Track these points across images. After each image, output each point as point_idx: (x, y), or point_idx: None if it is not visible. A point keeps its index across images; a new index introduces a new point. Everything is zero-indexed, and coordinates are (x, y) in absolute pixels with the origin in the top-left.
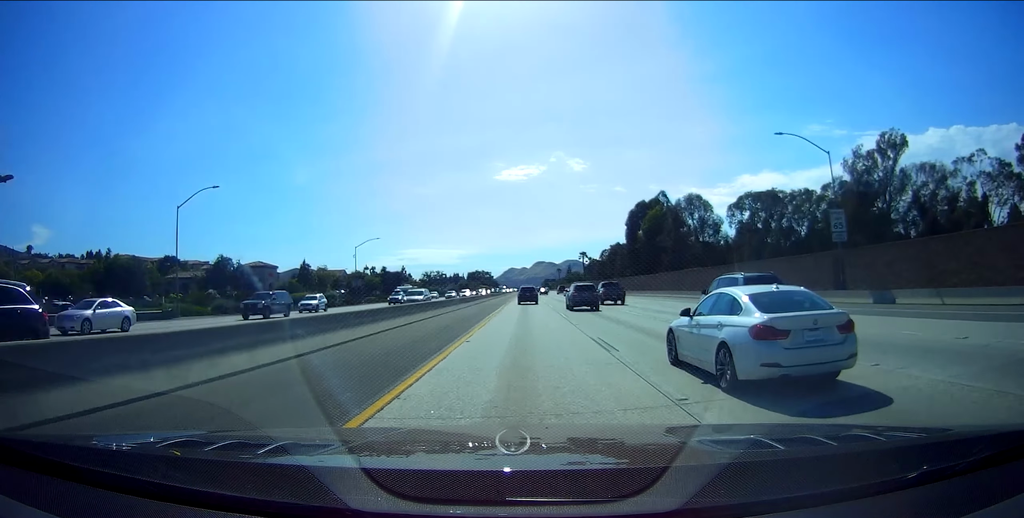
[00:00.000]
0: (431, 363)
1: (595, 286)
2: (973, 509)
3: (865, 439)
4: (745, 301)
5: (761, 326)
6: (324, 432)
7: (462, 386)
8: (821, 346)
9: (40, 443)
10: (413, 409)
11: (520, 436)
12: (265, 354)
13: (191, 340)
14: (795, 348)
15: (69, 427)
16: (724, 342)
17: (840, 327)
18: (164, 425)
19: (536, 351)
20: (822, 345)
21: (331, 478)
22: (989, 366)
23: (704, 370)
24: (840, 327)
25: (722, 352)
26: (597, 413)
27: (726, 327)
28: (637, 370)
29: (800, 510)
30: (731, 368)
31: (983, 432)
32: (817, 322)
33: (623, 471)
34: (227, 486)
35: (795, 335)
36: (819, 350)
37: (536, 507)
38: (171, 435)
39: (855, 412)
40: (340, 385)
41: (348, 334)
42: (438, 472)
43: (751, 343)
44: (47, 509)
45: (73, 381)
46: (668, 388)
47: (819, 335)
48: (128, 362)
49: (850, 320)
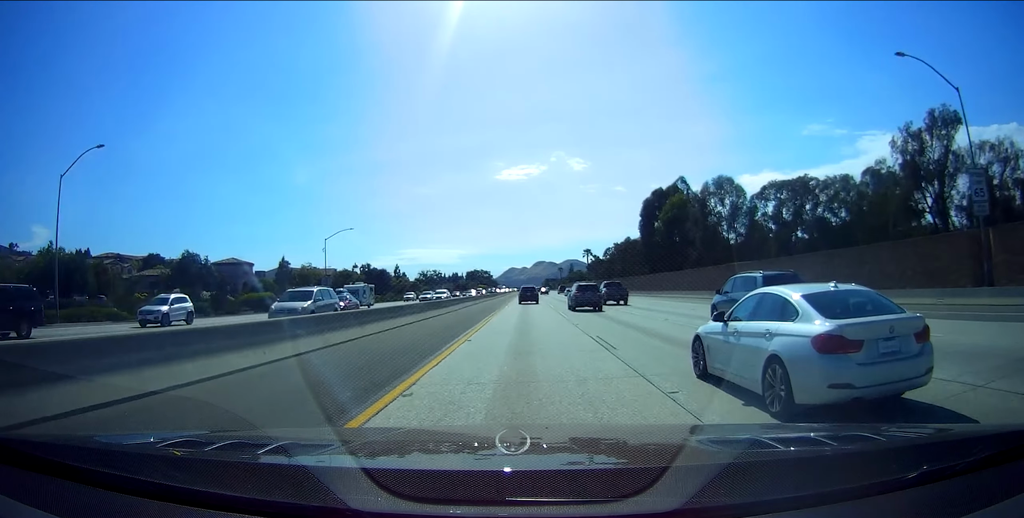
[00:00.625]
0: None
1: (598, 286)
2: (973, 509)
3: (865, 439)
4: (801, 303)
5: (828, 336)
6: (324, 432)
7: (450, 411)
8: (898, 360)
9: (40, 443)
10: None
11: (520, 436)
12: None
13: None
14: (869, 363)
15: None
16: (775, 355)
17: (917, 335)
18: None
19: (538, 371)
20: (898, 359)
21: (331, 478)
22: None
23: (744, 388)
24: (917, 335)
25: (772, 368)
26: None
27: (778, 337)
28: (660, 386)
29: (800, 510)
30: (785, 388)
31: (983, 432)
32: (893, 329)
33: (623, 471)
34: (227, 486)
35: (868, 347)
36: (895, 365)
37: (536, 507)
38: (171, 435)
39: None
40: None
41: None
42: (438, 472)
43: (815, 358)
44: (47, 509)
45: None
46: (704, 413)
47: (895, 346)
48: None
49: (926, 326)
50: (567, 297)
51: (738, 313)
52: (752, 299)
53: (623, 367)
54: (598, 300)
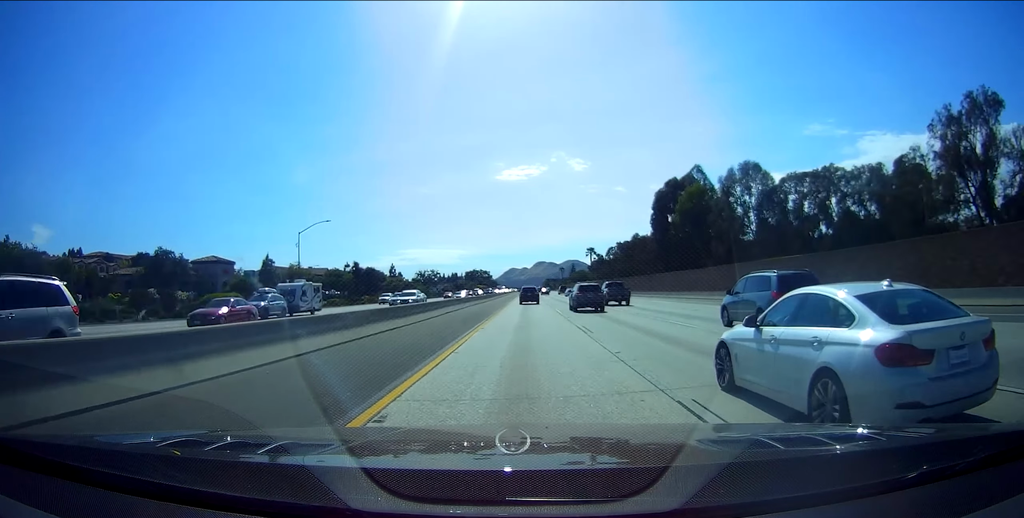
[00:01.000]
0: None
1: (600, 286)
2: (973, 509)
3: (865, 439)
4: (856, 305)
5: (895, 345)
6: (324, 432)
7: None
8: (968, 372)
9: (40, 443)
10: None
11: (520, 436)
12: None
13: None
14: (940, 377)
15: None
16: (827, 368)
17: (985, 342)
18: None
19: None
20: (968, 370)
21: (331, 478)
22: None
23: (782, 404)
24: (985, 342)
25: (823, 384)
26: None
27: (830, 345)
28: (682, 400)
29: (800, 510)
30: (840, 408)
31: (983, 432)
32: (964, 336)
33: (623, 471)
34: (227, 486)
35: (939, 357)
36: (966, 378)
37: (536, 507)
38: (171, 435)
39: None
40: None
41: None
42: (438, 472)
43: (878, 372)
44: (47, 509)
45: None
46: None
47: (965, 355)
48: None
49: (993, 331)
50: (568, 298)
51: (773, 317)
52: (791, 300)
53: (638, 379)
54: (600, 301)
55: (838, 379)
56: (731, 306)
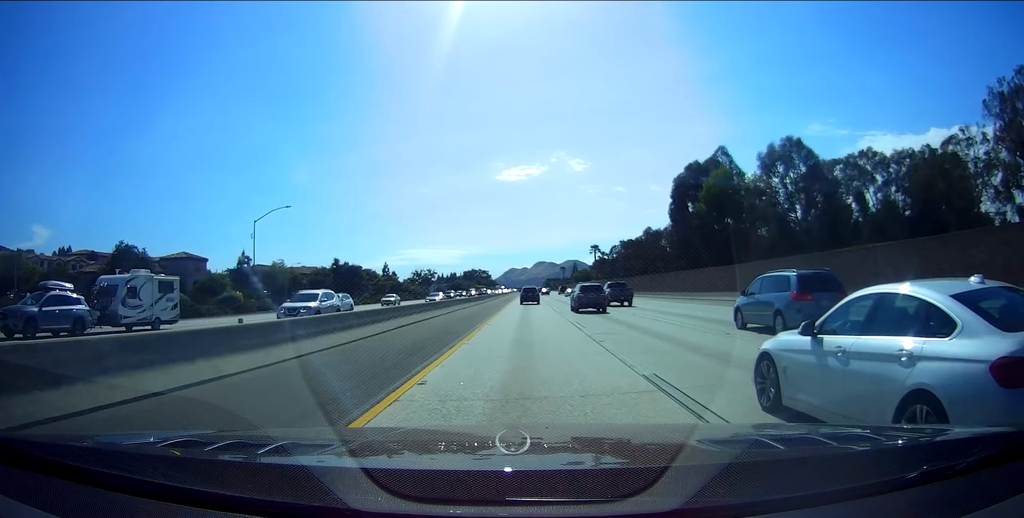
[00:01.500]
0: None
1: (602, 286)
2: (973, 509)
3: (865, 439)
4: (957, 309)
5: (1016, 360)
6: (324, 432)
7: None
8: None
9: (40, 443)
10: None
11: (520, 436)
12: None
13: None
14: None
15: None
16: (924, 390)
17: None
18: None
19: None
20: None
21: (331, 478)
22: None
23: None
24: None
25: (918, 409)
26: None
27: (925, 360)
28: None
29: (800, 510)
30: None
31: (983, 432)
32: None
33: (623, 471)
34: (227, 486)
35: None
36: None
37: (536, 507)
38: (171, 435)
39: None
40: None
41: None
42: (438, 472)
43: (995, 395)
44: (47, 509)
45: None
46: None
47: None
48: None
49: None
50: (570, 298)
51: (833, 323)
52: (862, 302)
53: (668, 401)
54: (602, 302)
55: (938, 404)
56: (745, 308)
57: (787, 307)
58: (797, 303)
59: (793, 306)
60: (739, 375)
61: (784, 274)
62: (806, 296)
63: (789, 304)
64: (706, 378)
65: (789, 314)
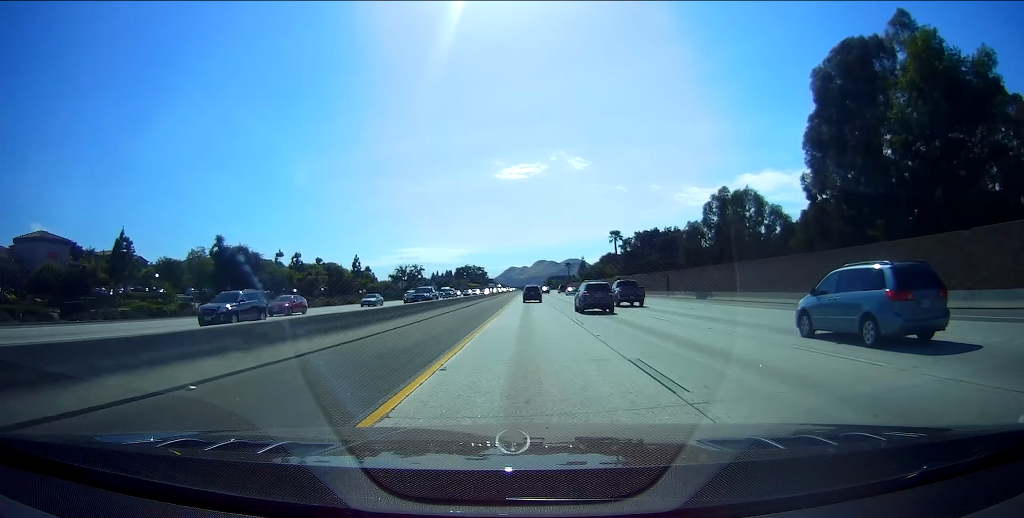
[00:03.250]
0: None
1: (608, 285)
2: (973, 509)
3: (865, 439)
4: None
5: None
6: (324, 432)
7: None
8: None
9: (40, 443)
10: None
11: (520, 436)
12: None
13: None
14: None
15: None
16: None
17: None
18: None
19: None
20: None
21: (331, 478)
22: None
23: None
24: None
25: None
26: None
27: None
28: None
29: (800, 510)
30: None
31: (983, 432)
32: None
33: (623, 471)
34: (227, 486)
35: None
36: None
37: (536, 507)
38: (171, 435)
39: None
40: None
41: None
42: (438, 472)
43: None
44: (47, 509)
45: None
46: None
47: None
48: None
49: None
50: (574, 298)
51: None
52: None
53: None
54: (609, 301)
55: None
56: (815, 311)
57: (882, 309)
58: (896, 304)
59: (890, 308)
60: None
61: (869, 267)
62: (905, 295)
63: (885, 305)
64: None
65: (885, 318)
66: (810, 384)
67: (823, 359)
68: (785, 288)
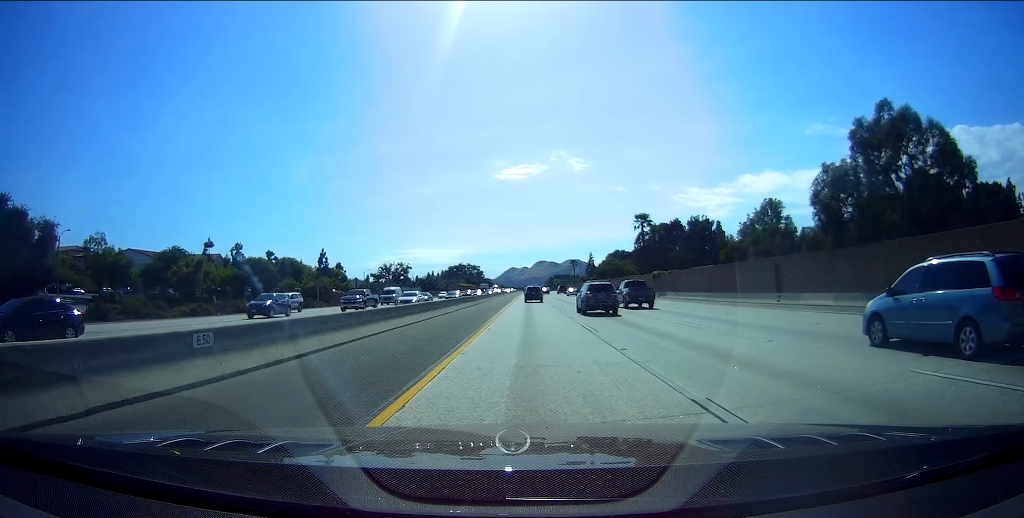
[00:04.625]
0: None
1: (611, 285)
2: (973, 509)
3: (865, 439)
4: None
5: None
6: (324, 432)
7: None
8: None
9: (40, 443)
10: None
11: (520, 436)
12: None
13: None
14: None
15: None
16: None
17: None
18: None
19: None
20: None
21: (331, 478)
22: None
23: None
24: None
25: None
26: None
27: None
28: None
29: (800, 510)
30: None
31: (983, 432)
32: None
33: (623, 471)
34: (227, 486)
35: None
36: None
37: (536, 507)
38: (171, 435)
39: None
40: None
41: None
42: (438, 472)
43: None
44: (47, 509)
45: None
46: None
47: None
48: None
49: None
50: (576, 298)
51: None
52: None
53: None
54: (613, 303)
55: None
56: (892, 315)
57: (985, 313)
58: (1004, 305)
59: (997, 311)
60: None
61: (969, 260)
62: (1014, 293)
63: (989, 307)
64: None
65: (989, 323)
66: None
67: (933, 383)
68: (830, 288)
